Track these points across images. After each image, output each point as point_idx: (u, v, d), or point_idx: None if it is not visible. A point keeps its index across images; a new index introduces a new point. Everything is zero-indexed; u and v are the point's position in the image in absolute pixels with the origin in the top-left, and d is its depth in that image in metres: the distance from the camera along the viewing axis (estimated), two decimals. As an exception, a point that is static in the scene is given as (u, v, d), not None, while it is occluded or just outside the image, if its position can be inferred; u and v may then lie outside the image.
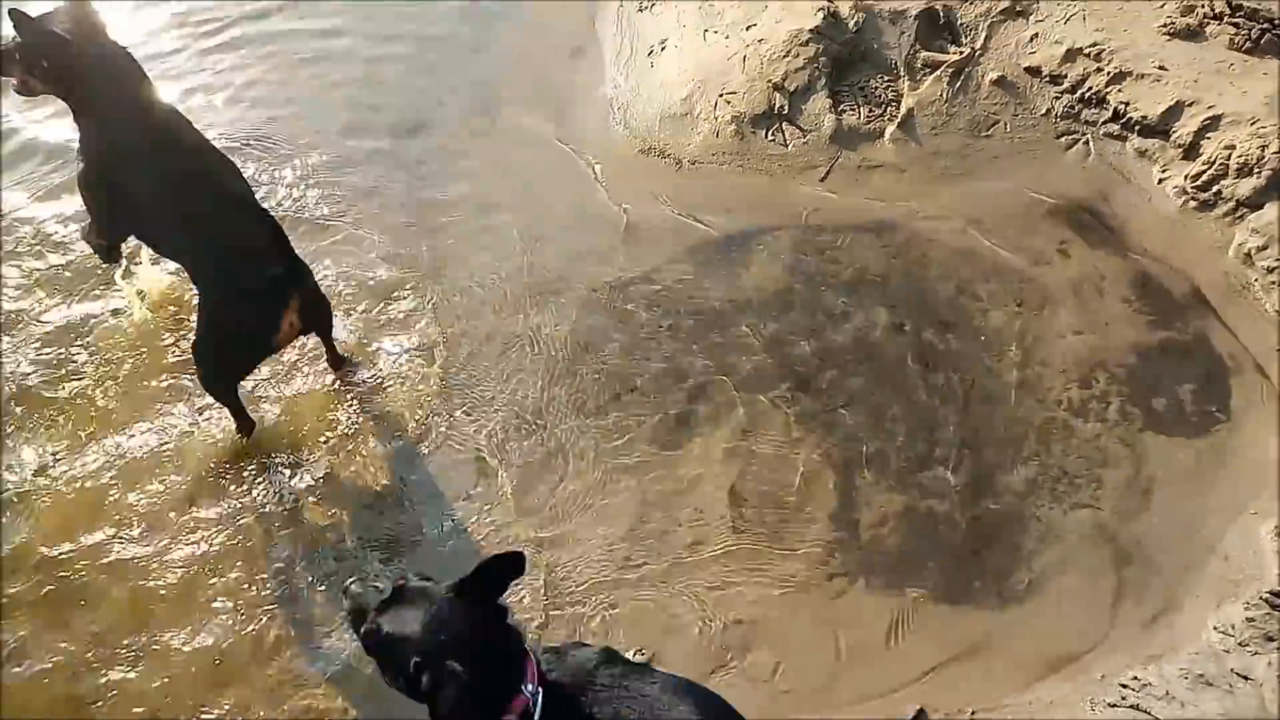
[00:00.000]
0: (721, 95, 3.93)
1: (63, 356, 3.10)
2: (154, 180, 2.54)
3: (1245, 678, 2.26)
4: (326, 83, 4.22)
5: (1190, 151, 3.34)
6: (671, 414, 2.93)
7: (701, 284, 3.31)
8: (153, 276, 3.27)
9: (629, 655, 2.03)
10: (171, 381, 3.03)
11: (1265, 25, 3.55)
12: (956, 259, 3.33)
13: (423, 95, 4.20)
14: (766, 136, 3.81)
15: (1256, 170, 3.13)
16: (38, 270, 3.35)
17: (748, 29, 4.14)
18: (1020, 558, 2.60)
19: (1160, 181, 3.40)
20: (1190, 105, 3.40)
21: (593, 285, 3.33)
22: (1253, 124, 3.24)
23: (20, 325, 3.18)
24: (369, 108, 4.09)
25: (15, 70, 2.54)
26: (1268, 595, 2.36)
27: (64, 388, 3.01)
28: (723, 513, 2.69)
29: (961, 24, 3.94)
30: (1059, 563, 2.58)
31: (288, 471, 2.86)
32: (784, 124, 3.82)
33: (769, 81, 3.89)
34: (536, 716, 1.61)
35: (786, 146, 3.77)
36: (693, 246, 3.46)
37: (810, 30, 3.91)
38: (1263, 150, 3.13)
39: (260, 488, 2.81)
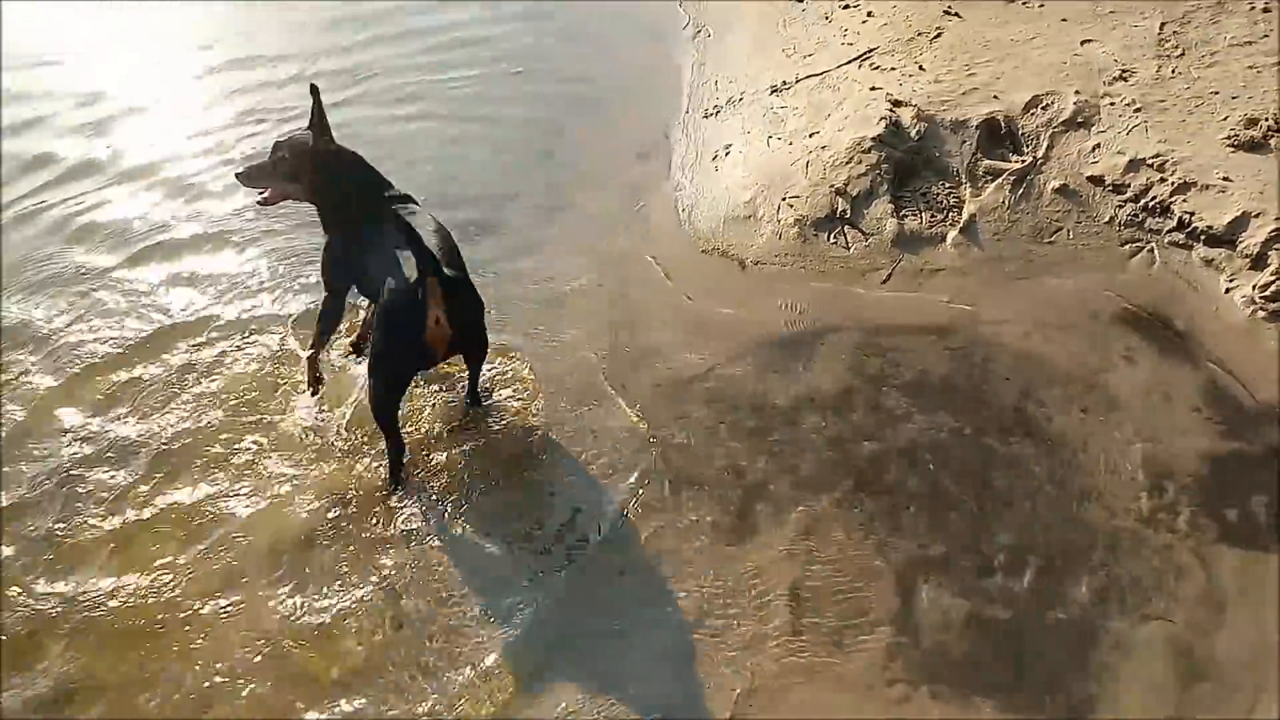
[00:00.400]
0: (784, 199, 4.02)
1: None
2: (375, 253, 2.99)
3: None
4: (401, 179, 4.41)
5: (1258, 262, 3.33)
6: (732, 511, 2.93)
7: (763, 382, 3.34)
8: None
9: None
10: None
11: (1331, 138, 3.57)
12: (1020, 363, 3.32)
13: (494, 193, 4.38)
14: (829, 239, 3.88)
15: (1327, 281, 3.10)
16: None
17: (810, 136, 4.26)
18: (1088, 670, 2.52)
19: (1228, 291, 3.38)
20: (1256, 216, 3.40)
21: (656, 380, 3.38)
22: (1322, 236, 3.23)
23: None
24: (443, 203, 4.25)
25: (269, 182, 3.18)
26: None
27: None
28: (783, 613, 2.66)
29: (1023, 134, 4.01)
30: (1129, 677, 2.50)
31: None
32: (846, 227, 3.89)
33: (831, 186, 3.98)
34: None
35: (849, 249, 3.83)
36: (755, 344, 3.50)
37: (873, 138, 4.01)
38: (1332, 262, 3.11)
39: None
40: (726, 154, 4.44)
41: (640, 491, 3.02)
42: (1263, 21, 4.26)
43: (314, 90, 3.08)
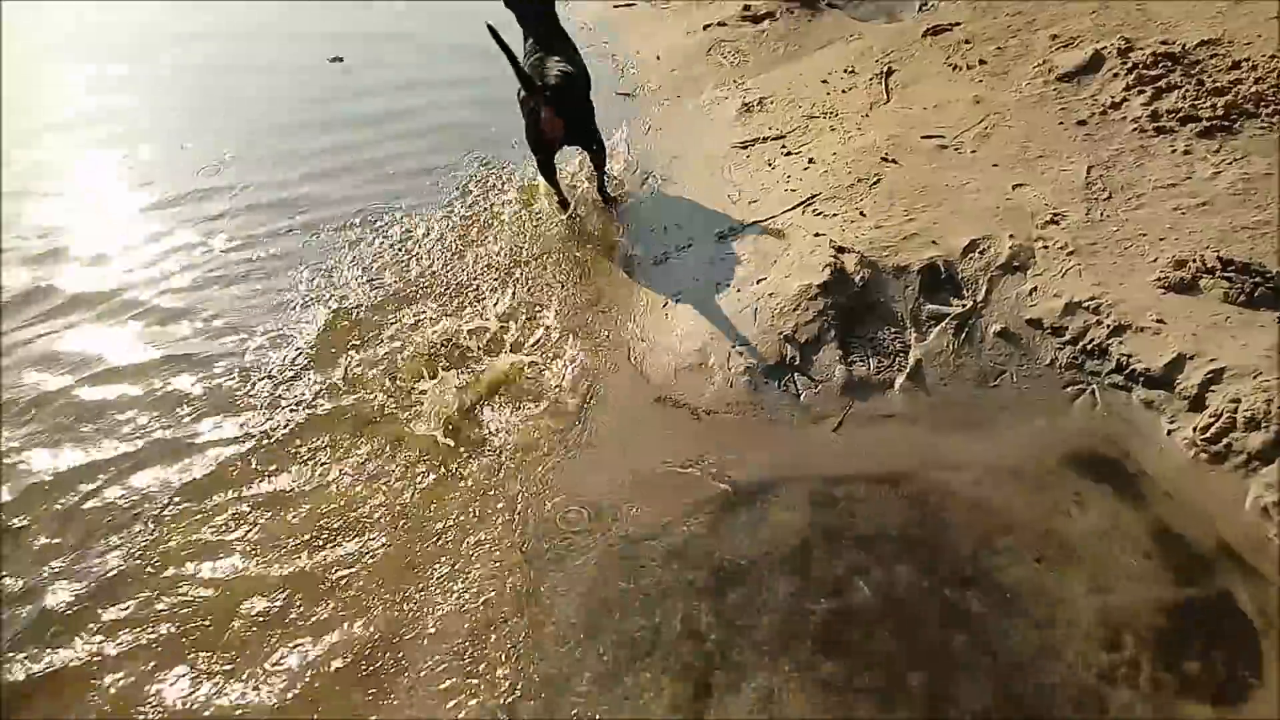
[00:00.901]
0: (734, 347, 4.07)
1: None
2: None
3: None
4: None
5: (1196, 404, 3.39)
6: (690, 679, 2.87)
7: (718, 538, 3.32)
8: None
9: None
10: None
11: (1257, 279, 3.69)
12: (973, 511, 3.33)
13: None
14: (779, 387, 3.92)
15: (1264, 424, 3.16)
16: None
17: (758, 283, 4.35)
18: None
19: (1170, 433, 3.43)
20: (1192, 358, 3.49)
21: (609, 541, 3.35)
22: (1256, 377, 3.31)
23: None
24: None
25: None
26: None
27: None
28: (744, 791, 2.58)
29: (963, 278, 4.12)
30: None
31: None
32: (796, 375, 3.93)
33: (780, 334, 4.04)
34: None
35: (799, 398, 3.86)
36: (708, 499, 3.49)
37: (818, 285, 4.10)
38: (1269, 405, 3.18)
39: None
40: (677, 301, 4.51)
41: (595, 663, 2.95)
42: (1184, 164, 4.46)
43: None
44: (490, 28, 4.42)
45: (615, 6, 7.54)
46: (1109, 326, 3.73)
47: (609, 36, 7.29)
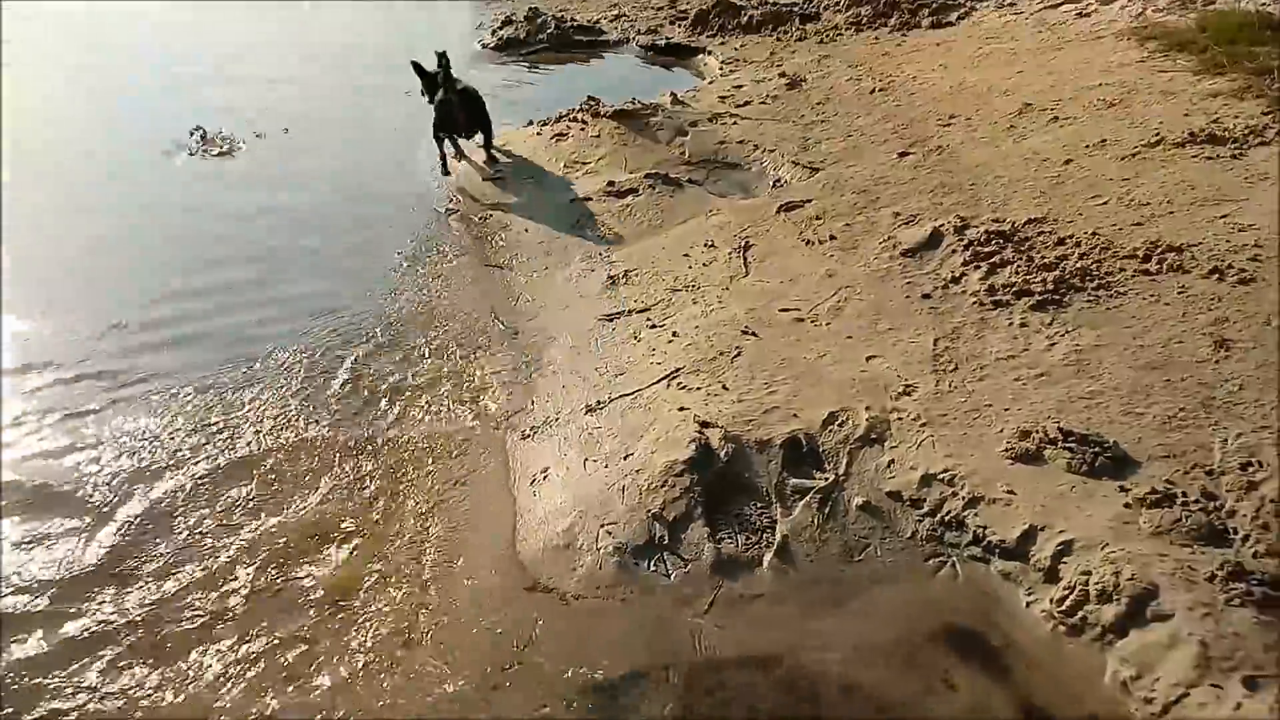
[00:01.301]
0: (603, 525, 4.01)
1: None
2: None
3: None
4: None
5: (1050, 575, 3.49)
6: None
7: (587, 738, 3.16)
8: None
9: None
10: None
11: (1096, 449, 3.89)
12: (846, 694, 3.29)
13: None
14: (648, 567, 3.85)
15: (1115, 597, 3.26)
16: None
17: (625, 458, 4.33)
18: None
19: (1029, 604, 3.50)
20: (1043, 529, 3.60)
21: (471, 747, 3.15)
22: (1103, 548, 3.43)
23: None
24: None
25: None
26: None
27: None
28: None
29: (824, 450, 4.20)
30: None
31: None
32: (665, 554, 3.88)
33: (648, 511, 4.00)
34: None
35: (669, 578, 3.80)
36: (577, 692, 3.34)
37: (684, 461, 4.11)
38: (1117, 576, 3.29)
39: None
40: (545, 478, 4.44)
41: None
42: (1021, 336, 4.73)
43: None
44: (414, 63, 8.24)
45: (484, 179, 7.70)
46: (963, 498, 3.83)
47: (477, 210, 7.41)
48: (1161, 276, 4.98)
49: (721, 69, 10.23)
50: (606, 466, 4.34)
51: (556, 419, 4.85)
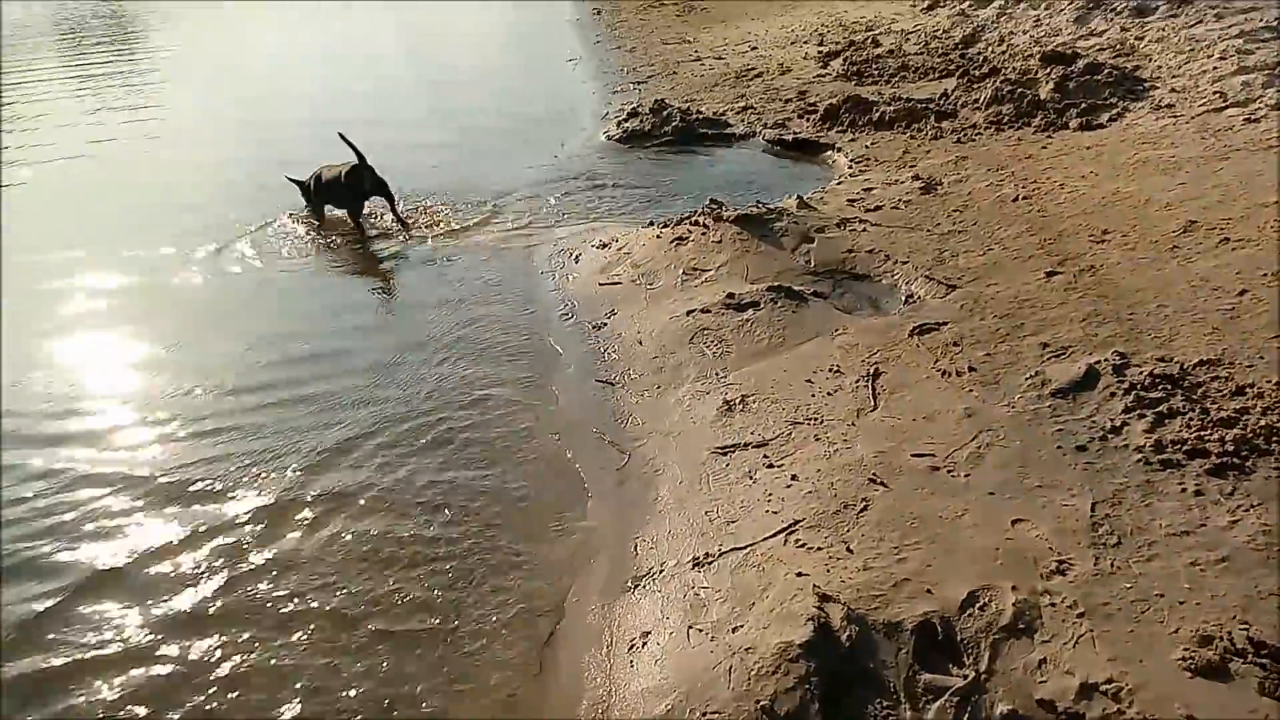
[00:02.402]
0: (705, 715, 3.57)
1: None
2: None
3: None
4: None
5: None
6: None
7: None
8: None
9: None
10: None
11: (1297, 669, 3.26)
12: None
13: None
14: (755, 772, 3.38)
15: None
16: None
17: (734, 631, 3.90)
18: None
19: None
20: (1234, 775, 2.99)
21: None
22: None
23: None
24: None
25: None
26: None
27: None
28: None
29: (962, 640, 3.67)
30: None
31: None
32: (775, 757, 3.40)
33: (757, 702, 3.54)
34: None
35: (778, 790, 3.32)
36: None
37: (800, 645, 3.64)
38: None
39: None
40: (644, 644, 4.04)
41: None
42: (1196, 508, 4.12)
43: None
44: (340, 133, 9.09)
45: (600, 285, 7.48)
46: (1133, 718, 3.24)
47: (590, 315, 7.18)
48: (1366, 442, 4.30)
49: (851, 168, 9.85)
50: (713, 639, 3.90)
51: (661, 571, 4.45)
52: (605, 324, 7.09)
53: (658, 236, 8.24)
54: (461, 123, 13.30)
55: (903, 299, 6.82)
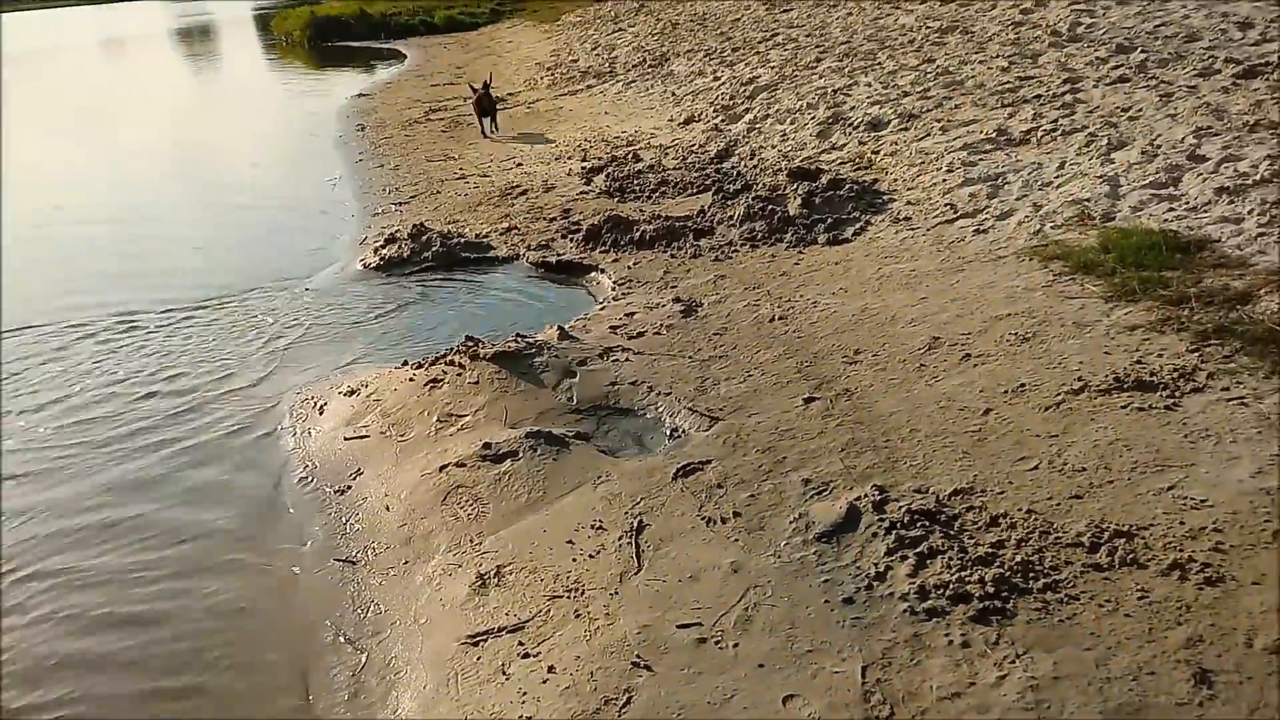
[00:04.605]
0: None
1: None
2: None
3: None
4: None
5: None
6: None
7: None
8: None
9: None
10: None
11: None
12: None
13: None
14: None
15: None
16: None
17: None
18: None
19: None
20: None
21: None
22: None
23: None
24: None
25: None
26: None
27: None
28: None
29: None
30: None
31: None
32: None
33: None
34: None
35: None
36: None
37: None
38: None
39: None
40: None
41: None
42: (964, 662, 3.93)
43: None
44: None
45: (346, 439, 6.81)
46: None
47: (333, 479, 6.48)
48: (1115, 573, 4.30)
49: (614, 290, 9.68)
50: None
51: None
52: (349, 487, 6.42)
53: (411, 379, 7.67)
54: (182, 279, 11.59)
55: (667, 434, 6.55)
